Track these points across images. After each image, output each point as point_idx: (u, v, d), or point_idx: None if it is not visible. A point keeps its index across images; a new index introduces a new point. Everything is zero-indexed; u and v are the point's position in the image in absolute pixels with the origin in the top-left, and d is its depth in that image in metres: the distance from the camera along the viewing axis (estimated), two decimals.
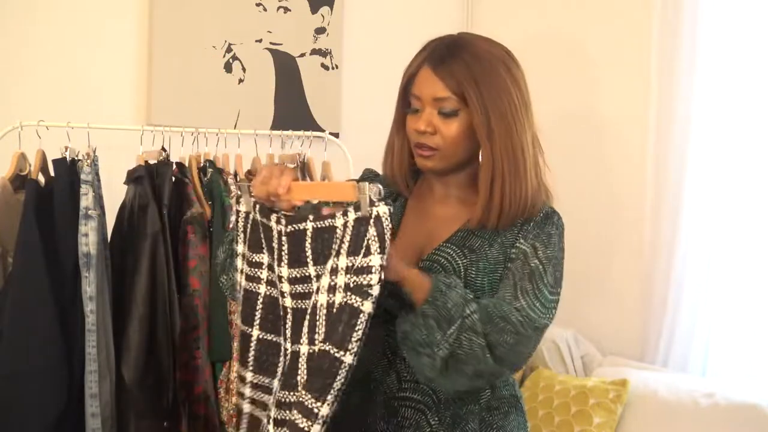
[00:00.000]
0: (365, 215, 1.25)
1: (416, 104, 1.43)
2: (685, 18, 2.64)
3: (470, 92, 1.38)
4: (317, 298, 1.30)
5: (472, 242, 1.44)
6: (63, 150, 2.10)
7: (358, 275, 1.25)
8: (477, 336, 1.32)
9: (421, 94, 1.42)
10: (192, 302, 2.19)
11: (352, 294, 1.25)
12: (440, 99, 1.40)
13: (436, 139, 1.41)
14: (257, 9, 2.97)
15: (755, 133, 2.55)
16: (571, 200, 3.02)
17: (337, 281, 1.28)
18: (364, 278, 1.25)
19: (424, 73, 1.42)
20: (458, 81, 1.38)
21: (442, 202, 1.52)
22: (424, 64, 1.42)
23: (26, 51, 2.59)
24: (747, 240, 2.57)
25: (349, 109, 3.12)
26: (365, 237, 1.25)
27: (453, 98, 1.39)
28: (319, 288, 1.30)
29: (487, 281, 1.42)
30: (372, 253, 1.25)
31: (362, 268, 1.25)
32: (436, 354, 1.32)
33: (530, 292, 1.38)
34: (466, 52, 1.40)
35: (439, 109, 1.40)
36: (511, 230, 1.45)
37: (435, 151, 1.42)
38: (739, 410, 2.34)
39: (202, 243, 2.22)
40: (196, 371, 2.18)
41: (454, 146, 1.42)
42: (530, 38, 3.28)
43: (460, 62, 1.39)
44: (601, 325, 2.98)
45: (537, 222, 1.45)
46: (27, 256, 1.98)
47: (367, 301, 1.24)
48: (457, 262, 1.43)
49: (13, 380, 1.94)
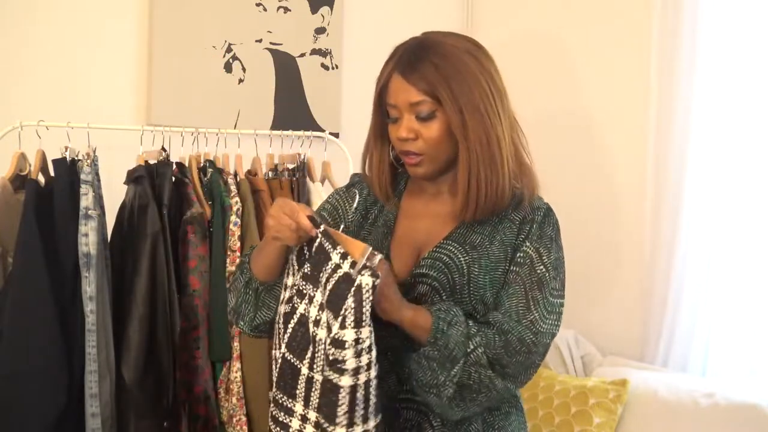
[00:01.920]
0: (352, 276, 1.26)
1: (393, 113, 1.44)
2: (685, 18, 2.64)
3: (442, 92, 1.39)
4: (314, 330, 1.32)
5: (473, 239, 1.45)
6: (63, 150, 2.10)
7: (335, 347, 1.26)
8: (484, 369, 1.35)
9: (397, 102, 1.42)
10: (192, 302, 2.19)
11: (329, 368, 1.26)
12: (415, 104, 1.40)
13: (419, 144, 1.42)
14: (257, 9, 2.96)
15: (755, 133, 2.55)
16: (572, 200, 3.03)
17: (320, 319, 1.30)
18: (339, 353, 1.25)
19: (395, 81, 1.42)
20: (429, 83, 1.39)
21: (434, 199, 1.52)
22: (393, 72, 1.42)
23: (26, 51, 2.59)
24: (747, 240, 2.57)
25: (349, 109, 3.12)
26: (343, 303, 1.26)
27: (428, 101, 1.40)
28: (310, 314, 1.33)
29: (488, 279, 1.43)
30: (346, 326, 1.25)
31: (336, 340, 1.26)
32: (443, 393, 1.35)
33: (540, 301, 1.40)
34: (432, 52, 1.40)
35: (416, 114, 1.41)
36: (510, 227, 1.45)
37: (421, 156, 1.43)
38: (739, 410, 2.34)
39: (202, 243, 2.22)
40: (196, 371, 2.18)
41: (437, 147, 1.42)
42: (530, 38, 3.28)
43: (428, 64, 1.39)
44: (601, 325, 2.98)
45: (538, 222, 1.46)
46: (27, 256, 1.98)
47: (344, 376, 1.26)
48: (459, 259, 1.43)
49: (13, 380, 1.94)
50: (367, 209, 1.55)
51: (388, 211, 1.53)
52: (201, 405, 2.19)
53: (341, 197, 1.58)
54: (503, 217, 1.46)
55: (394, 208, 1.53)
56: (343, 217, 1.55)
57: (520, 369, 1.38)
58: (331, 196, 1.61)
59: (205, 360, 2.20)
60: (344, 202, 1.57)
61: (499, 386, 1.36)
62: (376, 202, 1.55)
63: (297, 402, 1.34)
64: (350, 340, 1.25)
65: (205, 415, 2.19)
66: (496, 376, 1.35)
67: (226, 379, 2.24)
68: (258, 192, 2.36)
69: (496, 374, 1.35)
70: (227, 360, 2.23)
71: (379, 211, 1.54)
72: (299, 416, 1.33)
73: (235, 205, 2.27)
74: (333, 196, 1.60)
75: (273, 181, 2.44)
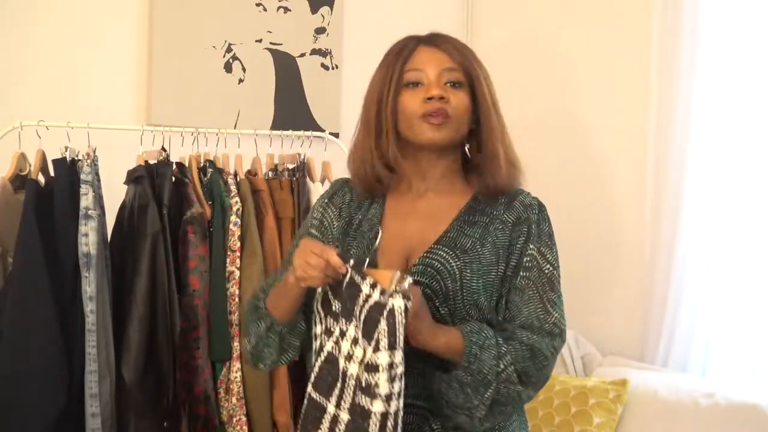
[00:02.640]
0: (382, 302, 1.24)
1: (417, 77, 1.44)
2: (685, 18, 2.64)
3: (474, 65, 1.45)
4: (345, 365, 1.31)
5: (464, 242, 1.43)
6: (63, 150, 2.11)
7: (368, 371, 1.24)
8: (514, 384, 1.36)
9: (426, 66, 1.44)
10: (192, 302, 2.18)
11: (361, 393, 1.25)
12: (448, 69, 1.44)
13: (448, 106, 1.43)
14: (257, 9, 2.97)
15: (755, 133, 2.54)
16: (572, 200, 3.03)
17: (353, 353, 1.29)
18: (372, 377, 1.24)
19: (424, 51, 1.46)
20: (462, 55, 1.46)
21: (421, 197, 1.50)
22: (419, 45, 1.47)
23: (26, 51, 2.59)
24: (747, 240, 2.56)
25: (349, 109, 3.11)
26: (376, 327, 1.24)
27: (459, 70, 1.45)
28: (341, 350, 1.31)
29: (481, 283, 1.41)
30: (380, 349, 1.23)
31: (370, 365, 1.24)
32: (475, 414, 1.36)
33: (556, 301, 1.43)
34: (452, 40, 1.49)
35: (447, 80, 1.44)
36: (502, 229, 1.45)
37: (448, 119, 1.43)
38: (739, 410, 2.34)
39: (202, 243, 2.22)
40: (196, 371, 2.18)
41: (461, 117, 1.45)
42: (530, 38, 3.28)
43: (455, 42, 1.48)
44: (601, 325, 2.98)
45: (535, 222, 1.46)
46: (27, 256, 1.98)
47: (376, 401, 1.23)
48: (451, 265, 1.41)
49: (13, 380, 1.95)
50: (351, 215, 1.53)
51: (373, 215, 1.50)
52: (201, 405, 2.19)
53: (325, 209, 1.56)
54: (494, 217, 1.46)
55: (379, 209, 1.51)
56: (330, 230, 1.53)
57: (544, 377, 1.41)
58: (314, 209, 1.58)
59: (205, 360, 2.20)
60: (329, 214, 1.55)
61: (525, 396, 1.39)
62: (360, 206, 1.53)
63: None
64: (384, 363, 1.23)
65: (205, 415, 2.19)
66: (524, 389, 1.37)
67: (226, 379, 2.24)
68: (258, 192, 2.36)
69: (524, 387, 1.37)
70: (227, 360, 2.23)
71: (363, 216, 1.52)
72: None
73: (235, 205, 2.27)
74: (317, 210, 1.57)
75: (273, 181, 2.44)
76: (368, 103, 1.50)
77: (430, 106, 1.42)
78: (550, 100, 3.18)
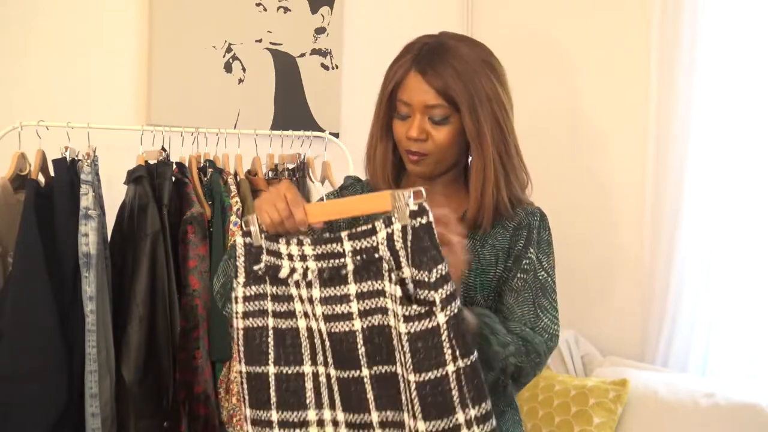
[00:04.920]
0: (408, 225, 1.14)
1: (405, 110, 1.42)
2: (685, 18, 2.64)
3: (461, 98, 1.38)
4: (379, 319, 1.18)
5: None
6: (63, 150, 2.11)
7: (420, 288, 1.14)
8: (507, 377, 1.35)
9: (411, 101, 1.40)
10: (192, 302, 2.19)
11: (416, 307, 1.13)
12: (431, 106, 1.39)
13: (427, 145, 1.41)
14: (257, 9, 2.97)
15: (755, 133, 2.55)
16: (572, 200, 3.03)
17: (387, 301, 1.17)
18: (425, 294, 1.13)
19: (413, 79, 1.40)
20: (448, 87, 1.37)
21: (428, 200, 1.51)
22: (411, 70, 1.40)
23: (26, 51, 2.59)
24: (747, 240, 2.57)
25: (349, 109, 3.12)
26: (411, 248, 1.14)
27: (444, 105, 1.39)
28: (374, 308, 1.18)
29: (479, 282, 1.43)
30: (427, 266, 1.13)
31: (421, 282, 1.14)
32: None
33: (547, 307, 1.42)
34: (452, 56, 1.39)
35: (429, 116, 1.40)
36: (502, 233, 1.45)
37: (425, 156, 1.42)
38: (739, 410, 2.34)
39: (202, 243, 2.22)
40: (196, 371, 2.18)
41: (444, 151, 1.42)
42: (530, 39, 3.28)
43: (449, 68, 1.38)
44: (601, 325, 2.98)
45: (536, 228, 1.47)
46: (27, 256, 1.98)
47: (437, 310, 1.13)
48: None
49: (13, 380, 1.95)
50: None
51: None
52: (201, 405, 2.19)
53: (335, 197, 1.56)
54: (496, 222, 1.46)
55: None
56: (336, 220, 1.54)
57: (532, 375, 1.40)
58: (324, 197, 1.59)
59: (205, 360, 2.20)
60: None
61: (509, 392, 1.38)
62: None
63: (405, 413, 1.19)
64: (434, 278, 1.12)
65: (205, 415, 2.19)
66: (512, 383, 1.36)
67: (226, 379, 2.24)
68: (258, 192, 2.36)
69: (514, 382, 1.37)
70: (227, 360, 2.23)
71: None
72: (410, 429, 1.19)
73: (235, 205, 2.28)
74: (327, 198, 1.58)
75: (273, 181, 2.44)
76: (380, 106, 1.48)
77: (408, 145, 1.42)
78: (549, 100, 3.18)
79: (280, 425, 1.28)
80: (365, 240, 1.19)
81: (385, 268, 1.17)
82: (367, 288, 1.19)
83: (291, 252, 1.24)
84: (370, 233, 1.18)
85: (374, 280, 1.18)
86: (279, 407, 1.28)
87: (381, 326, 1.18)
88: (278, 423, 1.28)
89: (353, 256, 1.20)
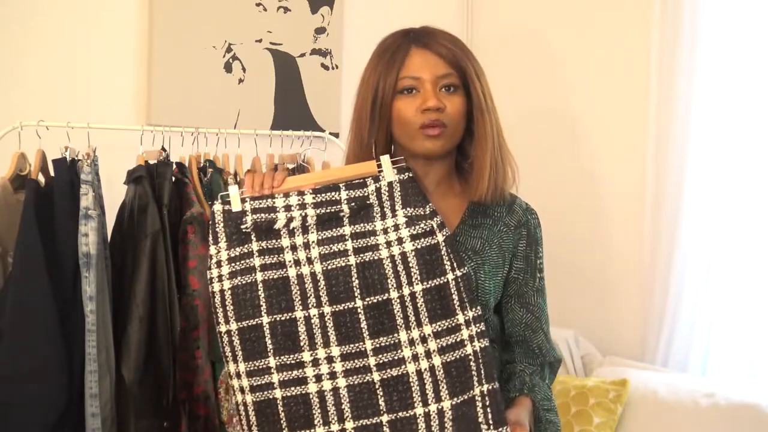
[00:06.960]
0: (394, 180, 1.39)
1: (412, 84, 1.40)
2: (685, 18, 2.64)
3: (468, 66, 1.41)
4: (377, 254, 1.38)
5: (474, 243, 1.44)
6: (63, 150, 2.10)
7: (424, 237, 1.37)
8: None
9: (421, 74, 1.40)
10: (192, 302, 2.18)
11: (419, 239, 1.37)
12: (443, 76, 1.40)
13: (444, 115, 1.39)
14: (257, 9, 2.97)
15: (755, 133, 2.55)
16: (572, 200, 3.03)
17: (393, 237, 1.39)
18: (428, 240, 1.38)
19: (417, 55, 1.41)
20: (455, 55, 1.40)
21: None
22: (411, 48, 1.42)
23: (26, 51, 2.59)
24: (747, 240, 2.57)
25: (349, 109, 3.09)
26: (402, 195, 1.39)
27: (453, 74, 1.40)
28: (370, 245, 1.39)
29: (492, 284, 1.43)
30: (420, 204, 1.38)
31: (417, 215, 1.39)
32: None
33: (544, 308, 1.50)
34: (442, 34, 1.44)
35: (442, 85, 1.40)
36: (506, 232, 1.45)
37: (445, 128, 1.40)
38: (739, 410, 2.34)
39: (202, 243, 2.22)
40: (196, 371, 2.18)
41: (457, 123, 1.42)
42: (530, 38, 3.28)
43: (447, 41, 1.42)
44: (601, 325, 2.98)
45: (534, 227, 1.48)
46: (27, 256, 1.98)
47: (437, 231, 1.38)
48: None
49: (13, 380, 1.94)
50: None
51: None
52: (201, 405, 2.19)
53: None
54: (497, 219, 1.46)
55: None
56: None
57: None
58: None
59: (205, 360, 2.20)
60: None
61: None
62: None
63: (400, 331, 1.36)
64: (428, 211, 1.39)
65: (205, 415, 2.19)
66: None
67: (226, 378, 2.24)
68: None
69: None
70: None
71: None
72: (407, 342, 1.36)
73: None
74: None
75: None
76: (360, 108, 1.48)
77: (426, 117, 1.39)
78: (549, 98, 3.18)
79: (278, 369, 1.37)
80: (358, 190, 1.41)
81: (376, 212, 1.40)
82: (360, 229, 1.40)
83: (289, 203, 1.41)
84: (361, 186, 1.41)
85: (366, 222, 1.40)
86: (276, 353, 1.37)
87: (372, 261, 1.38)
88: (276, 368, 1.37)
89: (348, 203, 1.40)
